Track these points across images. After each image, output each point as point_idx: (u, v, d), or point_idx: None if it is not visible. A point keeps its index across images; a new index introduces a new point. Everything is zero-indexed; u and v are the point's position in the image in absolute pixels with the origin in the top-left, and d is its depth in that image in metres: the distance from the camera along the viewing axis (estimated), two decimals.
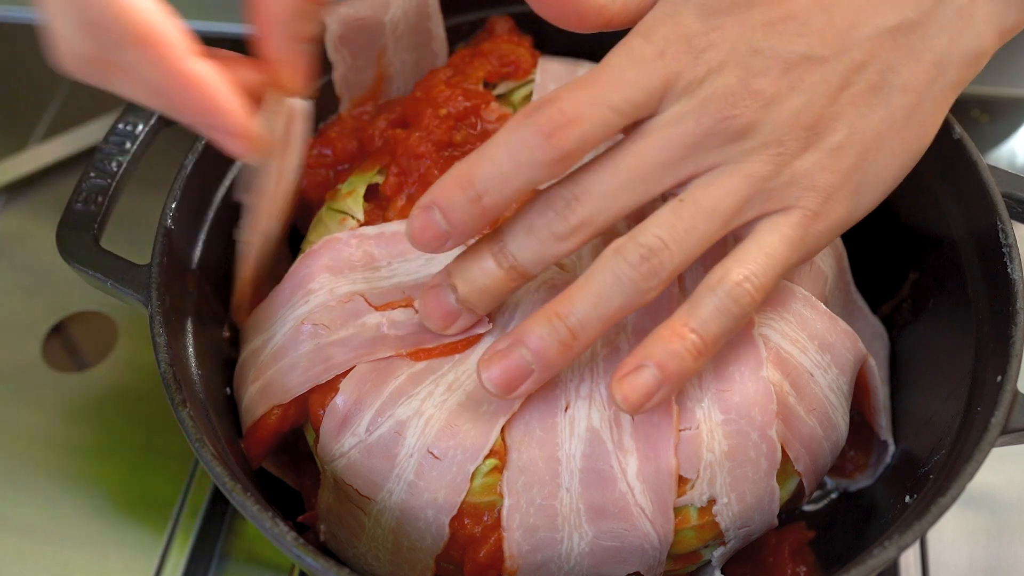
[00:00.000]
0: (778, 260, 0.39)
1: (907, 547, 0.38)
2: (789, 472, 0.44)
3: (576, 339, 0.39)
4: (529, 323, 0.39)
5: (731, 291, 0.38)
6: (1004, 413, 0.40)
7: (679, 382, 0.38)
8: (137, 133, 0.50)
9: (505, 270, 0.40)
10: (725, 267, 0.39)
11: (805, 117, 0.38)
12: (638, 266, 0.38)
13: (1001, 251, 0.44)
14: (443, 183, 0.39)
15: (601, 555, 0.42)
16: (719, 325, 0.38)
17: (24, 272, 0.66)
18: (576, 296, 0.39)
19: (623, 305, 0.38)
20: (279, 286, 0.49)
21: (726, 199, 0.38)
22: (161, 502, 0.56)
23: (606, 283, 0.38)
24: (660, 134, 0.38)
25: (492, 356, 0.40)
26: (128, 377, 0.61)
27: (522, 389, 0.40)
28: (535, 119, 0.37)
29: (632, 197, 0.39)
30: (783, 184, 0.39)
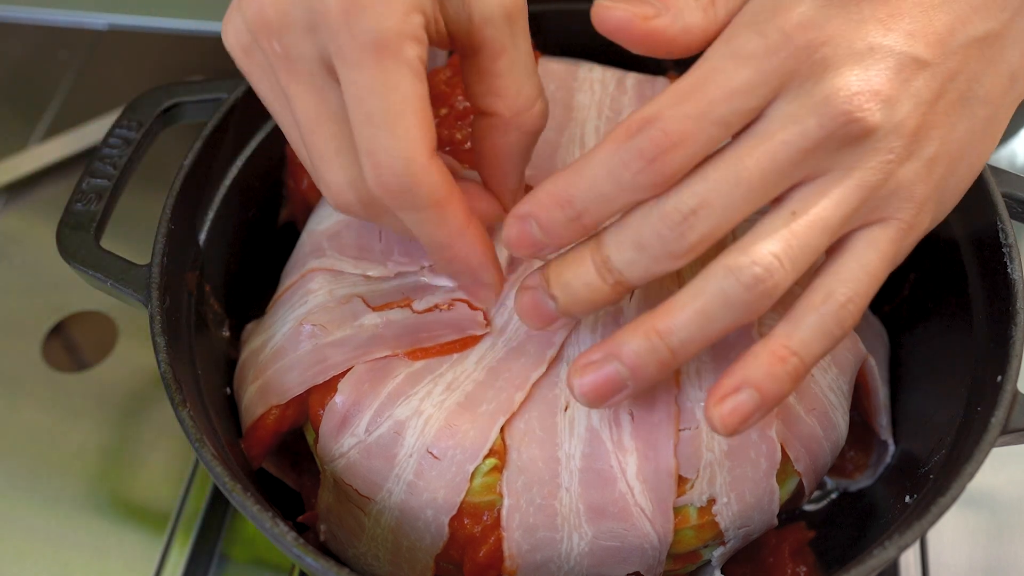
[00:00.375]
0: (876, 278, 0.37)
1: (907, 547, 0.38)
2: (789, 472, 0.44)
3: (675, 358, 0.36)
4: (625, 336, 0.37)
5: (836, 313, 0.36)
6: (1004, 413, 0.40)
7: (775, 405, 0.36)
8: (137, 133, 0.50)
9: (610, 285, 0.37)
10: (828, 287, 0.36)
11: (911, 122, 0.36)
12: (752, 287, 0.35)
13: (1001, 251, 0.44)
14: (541, 198, 0.37)
15: (601, 555, 0.42)
16: (820, 346, 0.36)
17: (24, 272, 0.66)
18: (680, 314, 0.36)
19: (729, 326, 0.36)
20: (279, 287, 0.49)
21: (838, 210, 0.36)
22: (161, 502, 0.56)
23: (715, 304, 0.35)
24: (780, 136, 0.35)
25: (585, 367, 0.37)
26: (128, 377, 0.61)
27: (615, 400, 0.38)
28: (637, 142, 0.35)
29: (750, 207, 0.36)
30: (887, 194, 0.37)
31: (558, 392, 0.42)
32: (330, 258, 0.47)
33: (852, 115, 0.35)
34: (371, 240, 0.47)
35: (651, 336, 0.36)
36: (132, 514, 0.56)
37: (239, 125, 0.51)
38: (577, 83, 0.52)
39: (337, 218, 0.48)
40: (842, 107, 0.35)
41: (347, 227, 0.48)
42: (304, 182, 0.53)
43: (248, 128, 0.52)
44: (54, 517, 0.56)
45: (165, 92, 0.52)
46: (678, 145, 0.35)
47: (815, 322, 0.36)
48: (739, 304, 0.35)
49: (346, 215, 0.42)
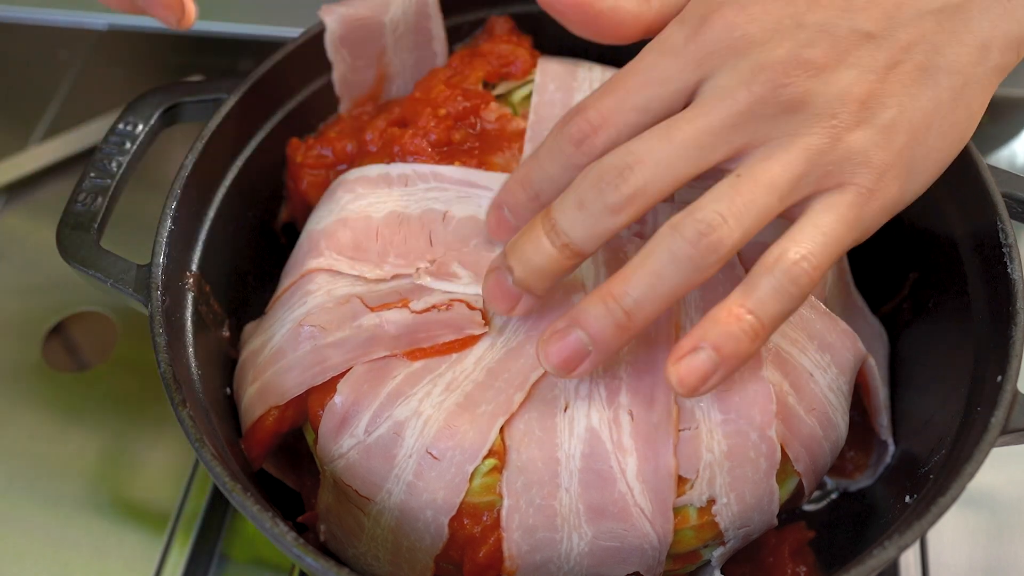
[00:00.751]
0: (834, 240, 0.38)
1: (907, 547, 0.38)
2: (788, 472, 0.44)
3: (632, 320, 0.38)
4: (585, 304, 0.38)
5: (789, 271, 0.37)
6: (1004, 413, 0.40)
7: (735, 365, 0.37)
8: (137, 133, 0.50)
9: (558, 249, 0.39)
10: (781, 247, 0.37)
11: (857, 91, 0.38)
12: (696, 243, 0.37)
13: (1001, 251, 0.44)
14: (508, 185, 0.42)
15: (600, 555, 0.42)
16: (777, 306, 0.37)
17: (24, 272, 0.66)
18: (631, 276, 0.38)
19: (680, 284, 0.37)
20: (278, 287, 0.50)
21: (783, 172, 0.37)
22: (161, 502, 0.56)
23: (662, 261, 0.37)
24: (711, 103, 0.38)
25: (550, 336, 0.39)
26: (128, 377, 0.61)
27: (582, 369, 0.39)
28: (568, 128, 0.40)
29: (686, 166, 0.38)
30: (838, 159, 0.38)
31: (557, 392, 0.42)
32: (327, 258, 0.47)
33: (779, 81, 0.37)
34: (367, 239, 0.47)
35: (607, 300, 0.38)
36: (132, 514, 0.56)
37: (239, 125, 0.51)
38: (577, 83, 0.52)
39: (334, 217, 0.48)
40: (768, 75, 0.37)
41: (343, 225, 0.48)
42: (304, 182, 0.53)
43: (248, 128, 0.52)
44: (54, 517, 0.56)
45: (165, 92, 0.52)
46: (599, 129, 0.39)
47: (769, 281, 0.37)
48: (685, 260, 0.37)
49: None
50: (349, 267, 0.47)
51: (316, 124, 0.55)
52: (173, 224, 0.46)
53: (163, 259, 0.45)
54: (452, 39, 0.56)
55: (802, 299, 0.38)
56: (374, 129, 0.51)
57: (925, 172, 0.40)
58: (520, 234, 0.40)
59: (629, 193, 0.37)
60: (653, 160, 0.37)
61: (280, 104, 0.54)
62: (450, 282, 0.45)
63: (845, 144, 0.38)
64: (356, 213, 0.48)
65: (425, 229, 0.47)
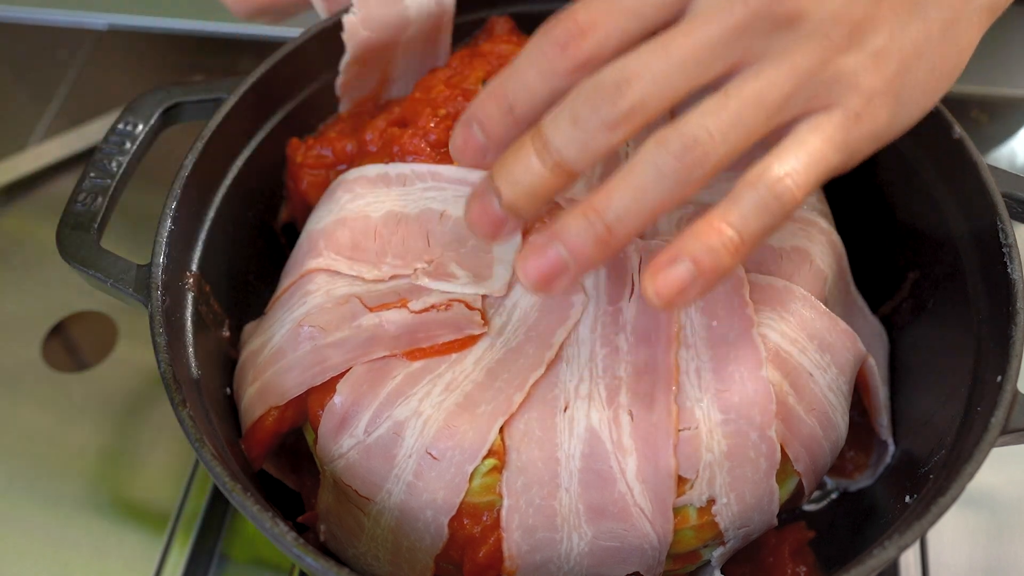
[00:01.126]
0: (820, 160, 0.38)
1: (907, 547, 0.38)
2: (788, 472, 0.44)
3: (613, 235, 0.37)
4: (565, 218, 0.37)
5: (773, 187, 0.36)
6: (1004, 413, 0.40)
7: (713, 280, 0.37)
8: (137, 133, 0.50)
9: (550, 168, 0.37)
10: (765, 163, 0.37)
11: (850, 13, 0.38)
12: (681, 157, 0.36)
13: (1001, 251, 0.44)
14: (479, 98, 0.39)
15: (600, 555, 0.42)
16: (758, 222, 0.37)
17: (24, 272, 0.66)
18: (614, 190, 0.37)
19: (663, 199, 0.36)
20: (278, 287, 0.49)
21: (772, 90, 0.37)
22: (161, 502, 0.56)
23: (646, 176, 0.36)
24: (708, 16, 0.37)
25: (529, 251, 0.38)
26: (128, 377, 0.61)
27: (560, 285, 0.38)
28: (552, 31, 0.37)
29: (683, 81, 0.37)
30: (828, 80, 0.38)
31: (557, 393, 0.42)
32: (326, 258, 0.47)
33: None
34: (366, 239, 0.47)
35: (588, 214, 0.37)
36: (132, 514, 0.56)
37: (239, 125, 0.51)
38: None
39: (333, 217, 0.48)
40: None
41: (342, 225, 0.48)
42: (304, 182, 0.53)
43: (248, 128, 0.52)
44: (54, 517, 0.56)
45: (165, 92, 0.52)
46: (587, 32, 0.37)
47: (751, 197, 0.37)
48: (670, 175, 0.36)
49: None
50: (348, 267, 0.47)
51: (316, 124, 0.55)
52: (173, 224, 0.46)
53: (163, 259, 0.45)
54: (452, 39, 0.56)
55: (784, 217, 0.37)
56: (374, 129, 0.51)
57: (914, 104, 0.40)
58: (507, 154, 0.38)
59: (626, 108, 0.36)
60: (650, 75, 0.36)
61: (280, 104, 0.54)
62: (448, 282, 0.45)
63: (835, 65, 0.38)
64: (355, 213, 0.48)
65: (423, 229, 0.47)
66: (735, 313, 0.43)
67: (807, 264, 0.46)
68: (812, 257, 0.46)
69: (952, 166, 0.47)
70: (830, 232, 0.48)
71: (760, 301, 0.44)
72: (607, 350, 0.43)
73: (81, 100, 0.76)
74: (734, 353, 0.42)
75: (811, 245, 0.47)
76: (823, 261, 0.47)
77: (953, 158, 0.47)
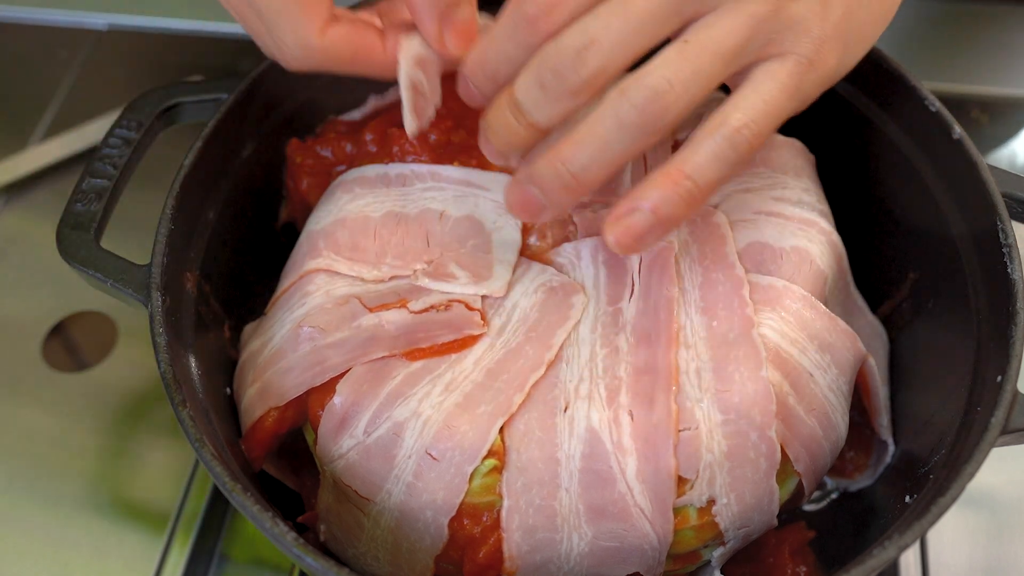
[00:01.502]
0: (775, 107, 0.39)
1: (907, 547, 0.38)
2: (788, 472, 0.44)
3: (580, 182, 0.39)
4: (539, 162, 0.39)
5: (730, 137, 0.38)
6: (1004, 413, 0.40)
7: (670, 227, 0.39)
8: (137, 133, 0.50)
9: (524, 127, 0.40)
10: (724, 112, 0.38)
11: None
12: (643, 109, 0.37)
13: (1001, 251, 0.44)
14: (470, 63, 0.41)
15: (600, 555, 0.42)
16: (715, 171, 0.38)
17: (24, 272, 0.66)
18: (580, 141, 0.38)
19: (626, 149, 0.38)
20: (277, 288, 0.49)
21: (729, 38, 0.38)
22: (161, 502, 0.56)
23: (609, 127, 0.38)
24: None
25: (511, 186, 0.41)
26: (128, 377, 0.61)
27: (542, 217, 0.41)
28: (524, 7, 0.39)
29: (642, 41, 0.38)
30: (780, 27, 0.39)
31: (557, 393, 0.42)
32: (326, 258, 0.47)
33: None
34: (365, 240, 0.47)
35: (556, 164, 0.39)
36: (132, 514, 0.56)
37: (239, 125, 0.51)
38: None
39: (333, 218, 0.48)
40: None
41: (341, 226, 0.48)
42: (304, 183, 0.53)
43: (248, 128, 0.52)
44: (54, 517, 0.56)
45: (165, 92, 0.52)
46: (554, 7, 0.38)
47: (709, 147, 0.38)
48: (632, 126, 0.37)
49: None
50: (347, 268, 0.47)
51: (316, 124, 0.55)
52: (173, 224, 0.46)
53: (163, 259, 0.45)
54: None
55: (741, 165, 0.39)
56: (373, 130, 0.51)
57: (858, 46, 0.42)
58: (489, 109, 0.41)
59: (588, 75, 0.38)
60: (609, 39, 0.38)
61: (280, 103, 0.54)
62: (448, 283, 0.45)
63: (787, 12, 0.39)
64: (354, 213, 0.48)
65: (422, 229, 0.47)
66: (735, 313, 0.43)
67: (807, 264, 0.46)
68: (812, 257, 0.46)
69: (952, 166, 0.47)
70: (830, 232, 0.48)
71: (760, 301, 0.44)
72: (607, 350, 0.43)
73: (81, 100, 0.75)
74: (734, 353, 0.42)
75: (811, 245, 0.47)
76: (823, 261, 0.47)
77: (953, 158, 0.47)
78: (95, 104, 0.74)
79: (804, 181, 0.50)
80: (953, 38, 0.75)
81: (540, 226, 0.47)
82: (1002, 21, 0.76)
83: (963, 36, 0.75)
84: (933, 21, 0.76)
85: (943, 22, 0.76)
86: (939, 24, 0.76)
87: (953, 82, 0.72)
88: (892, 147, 0.51)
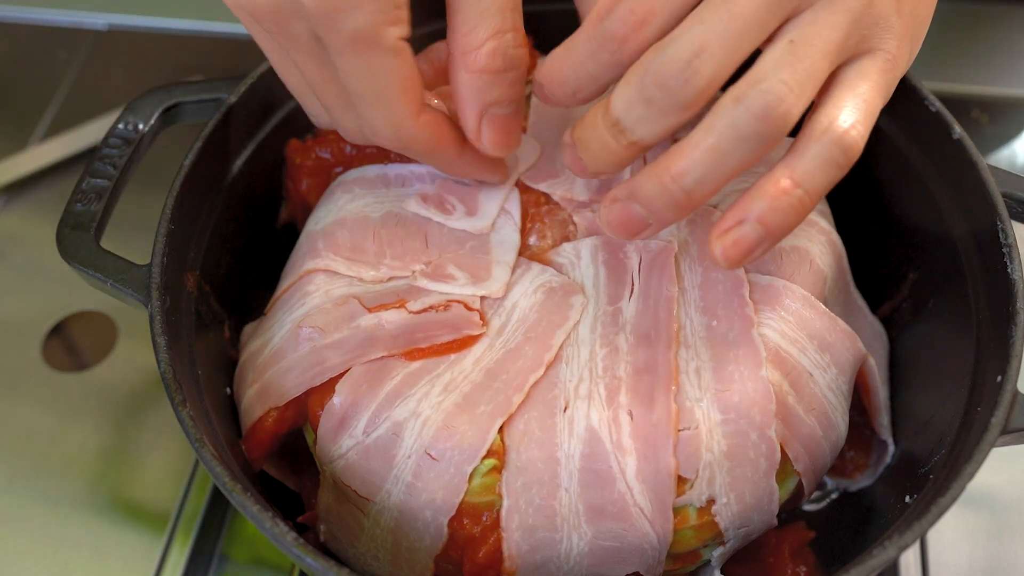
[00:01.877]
0: (873, 107, 0.38)
1: (907, 547, 0.38)
2: (788, 472, 0.44)
3: (691, 199, 0.37)
4: (642, 180, 0.37)
5: (841, 139, 0.36)
6: (1004, 413, 0.40)
7: (779, 238, 0.37)
8: (137, 133, 0.50)
9: (625, 147, 0.37)
10: (829, 115, 0.36)
11: None
12: (764, 116, 0.35)
13: (1001, 251, 0.44)
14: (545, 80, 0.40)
15: (600, 555, 0.42)
16: (825, 177, 0.36)
17: (24, 272, 0.66)
18: (692, 154, 0.36)
19: (742, 161, 0.36)
20: (277, 288, 0.49)
21: (833, 34, 0.36)
22: (161, 502, 0.56)
23: (725, 137, 0.35)
24: None
25: (611, 203, 0.39)
26: (128, 377, 0.61)
27: (645, 234, 0.39)
28: (608, 24, 0.37)
29: (750, 43, 0.36)
30: (871, 22, 0.38)
31: (557, 393, 0.42)
32: (325, 259, 0.47)
33: None
34: (364, 240, 0.47)
35: (664, 180, 0.37)
36: (132, 514, 0.56)
37: (239, 125, 0.51)
38: None
39: (332, 218, 0.48)
40: None
41: (340, 226, 0.48)
42: (303, 183, 0.53)
43: (248, 128, 0.52)
44: (54, 517, 0.56)
45: (165, 92, 0.52)
46: (644, 22, 0.37)
47: (818, 151, 0.36)
48: (752, 136, 0.35)
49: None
50: (346, 268, 0.47)
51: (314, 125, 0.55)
52: (173, 224, 0.46)
53: (163, 259, 0.45)
54: None
55: (848, 168, 0.37)
56: None
57: (920, 36, 0.41)
58: (581, 126, 0.39)
59: (702, 86, 0.35)
60: (718, 44, 0.35)
61: (280, 104, 0.54)
62: (446, 283, 0.45)
63: (876, 7, 0.38)
64: (353, 213, 0.48)
65: (421, 230, 0.47)
66: (735, 313, 0.43)
67: (807, 264, 0.46)
68: (812, 257, 0.46)
69: (952, 166, 0.47)
70: (830, 232, 0.48)
71: (760, 301, 0.44)
72: (607, 350, 0.43)
73: (81, 100, 0.76)
74: (734, 353, 0.42)
75: (811, 245, 0.47)
76: (823, 261, 0.47)
77: (953, 158, 0.47)
78: (95, 104, 0.74)
79: None
80: (953, 38, 0.75)
81: (540, 227, 0.47)
82: (1002, 21, 0.76)
83: (963, 36, 0.75)
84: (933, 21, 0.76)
85: (943, 22, 0.76)
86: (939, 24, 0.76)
87: (953, 82, 0.72)
88: (892, 147, 0.51)
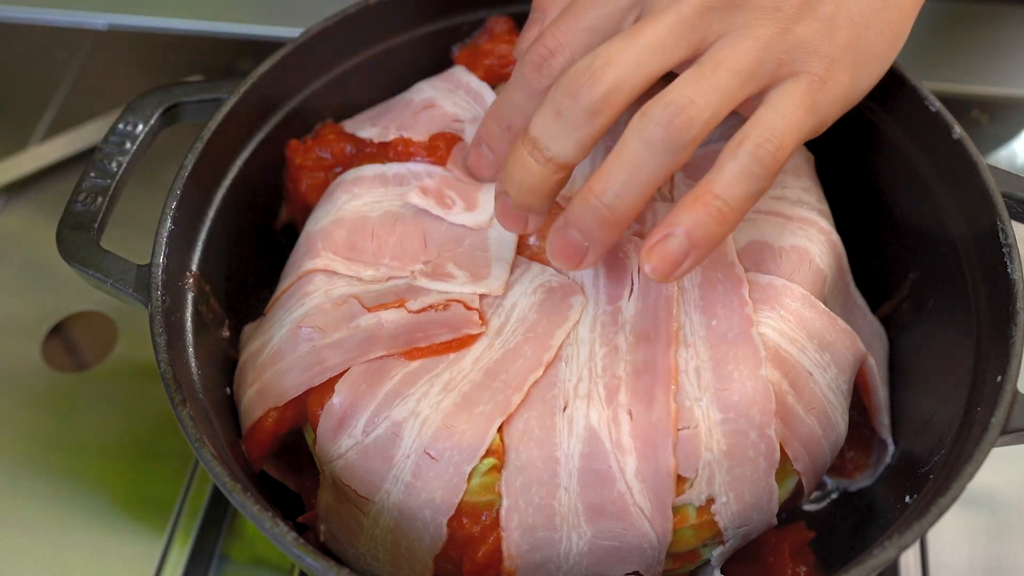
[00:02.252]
0: (794, 122, 0.39)
1: (907, 547, 0.38)
2: (788, 471, 0.44)
3: (615, 214, 0.39)
4: (573, 204, 0.39)
5: (753, 152, 0.38)
6: (1004, 413, 0.40)
7: (707, 249, 0.38)
8: (137, 133, 0.50)
9: (543, 165, 0.40)
10: (744, 131, 0.39)
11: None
12: (668, 124, 0.37)
13: (1001, 251, 0.44)
14: (484, 121, 0.45)
15: (600, 554, 0.42)
16: (743, 188, 0.38)
17: (24, 272, 0.66)
18: (609, 170, 0.38)
19: (657, 171, 0.38)
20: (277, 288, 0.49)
21: (743, 57, 0.39)
22: (161, 502, 0.56)
23: (636, 150, 0.38)
24: (663, 8, 0.39)
25: (553, 233, 0.41)
26: (128, 377, 0.61)
27: (587, 262, 0.41)
28: (529, 56, 0.42)
29: (654, 61, 0.39)
30: (789, 47, 0.40)
31: (556, 392, 0.42)
32: (324, 259, 0.47)
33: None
34: (363, 239, 0.47)
35: (589, 199, 0.39)
36: (132, 514, 0.56)
37: (239, 125, 0.51)
38: None
39: (331, 218, 0.48)
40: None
41: (339, 226, 0.48)
42: (303, 183, 0.53)
43: (248, 128, 0.52)
44: (54, 517, 0.56)
45: (165, 92, 0.52)
46: (555, 52, 0.42)
47: (734, 165, 0.38)
48: (659, 143, 0.38)
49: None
50: (345, 268, 0.47)
51: (315, 125, 0.55)
52: (173, 224, 0.46)
53: (163, 259, 0.45)
54: (452, 39, 0.56)
55: (768, 180, 0.39)
56: None
57: (871, 66, 0.43)
58: (506, 159, 0.41)
59: (604, 91, 0.38)
60: (621, 59, 0.38)
61: (280, 104, 0.54)
62: (446, 282, 0.45)
63: (793, 34, 0.40)
64: (352, 213, 0.48)
65: (420, 229, 0.47)
66: (734, 312, 0.43)
67: (807, 264, 0.46)
68: (812, 257, 0.46)
69: (952, 166, 0.47)
70: (830, 232, 0.48)
71: (760, 300, 0.44)
72: (606, 349, 0.43)
73: (81, 100, 0.75)
74: (733, 352, 0.42)
75: (811, 245, 0.47)
76: (823, 261, 0.47)
77: (953, 158, 0.47)
78: (95, 104, 0.74)
79: (804, 180, 0.50)
80: (953, 38, 0.75)
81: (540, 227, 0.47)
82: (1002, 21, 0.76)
83: (963, 36, 0.75)
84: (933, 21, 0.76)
85: (943, 22, 0.76)
86: (939, 24, 0.76)
87: (953, 82, 0.72)
88: (892, 147, 0.51)
